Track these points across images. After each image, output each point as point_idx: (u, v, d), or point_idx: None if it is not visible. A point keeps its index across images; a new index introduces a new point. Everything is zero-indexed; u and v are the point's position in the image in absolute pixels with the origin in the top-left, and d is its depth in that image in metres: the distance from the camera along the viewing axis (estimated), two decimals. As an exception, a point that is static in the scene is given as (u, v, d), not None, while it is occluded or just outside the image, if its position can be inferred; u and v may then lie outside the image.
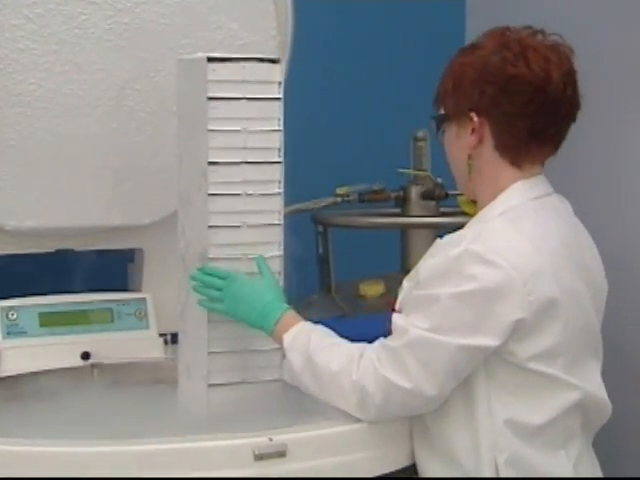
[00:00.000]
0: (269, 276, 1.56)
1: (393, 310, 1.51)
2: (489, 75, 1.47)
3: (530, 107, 1.47)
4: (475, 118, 1.48)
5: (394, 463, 1.52)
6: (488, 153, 1.50)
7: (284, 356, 1.53)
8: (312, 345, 1.49)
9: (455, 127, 1.51)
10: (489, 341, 1.41)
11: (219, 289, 1.54)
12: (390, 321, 1.48)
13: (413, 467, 1.54)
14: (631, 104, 2.07)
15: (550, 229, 1.48)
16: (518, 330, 1.42)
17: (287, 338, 1.51)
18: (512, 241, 1.43)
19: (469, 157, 1.50)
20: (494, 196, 1.50)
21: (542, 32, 1.50)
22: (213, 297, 1.55)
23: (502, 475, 1.43)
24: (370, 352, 1.46)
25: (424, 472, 1.52)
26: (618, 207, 2.12)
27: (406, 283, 1.53)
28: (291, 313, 1.54)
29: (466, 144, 1.50)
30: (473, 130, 1.49)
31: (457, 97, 1.50)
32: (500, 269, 1.40)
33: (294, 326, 1.52)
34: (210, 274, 1.55)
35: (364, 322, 1.77)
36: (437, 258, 1.46)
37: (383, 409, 1.45)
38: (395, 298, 1.53)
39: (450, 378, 1.43)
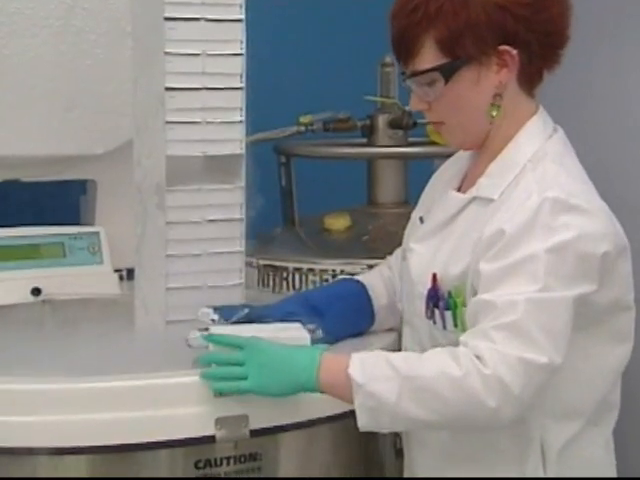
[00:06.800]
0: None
1: (434, 282, 1.46)
2: None
3: (563, 21, 1.44)
4: (512, 50, 1.41)
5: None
6: (511, 87, 1.45)
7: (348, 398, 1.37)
8: (397, 363, 1.35)
9: (474, 70, 1.42)
10: (594, 286, 1.39)
11: (242, 362, 1.41)
12: (432, 297, 1.43)
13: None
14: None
15: (581, 167, 1.49)
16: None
17: (355, 372, 1.36)
18: (577, 183, 1.43)
19: (495, 98, 1.44)
20: (510, 135, 1.46)
21: None
22: (235, 375, 1.42)
23: None
24: (473, 341, 1.34)
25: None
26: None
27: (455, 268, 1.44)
28: (329, 353, 1.41)
29: (490, 85, 1.43)
30: (500, 66, 1.42)
31: (479, 33, 1.41)
32: (587, 213, 1.39)
33: (347, 360, 1.37)
34: (223, 342, 1.43)
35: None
36: (513, 218, 1.38)
37: (520, 400, 1.33)
38: (364, 233, 1.52)
39: (566, 339, 1.36)
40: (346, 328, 1.60)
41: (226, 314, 1.55)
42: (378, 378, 1.36)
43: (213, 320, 1.53)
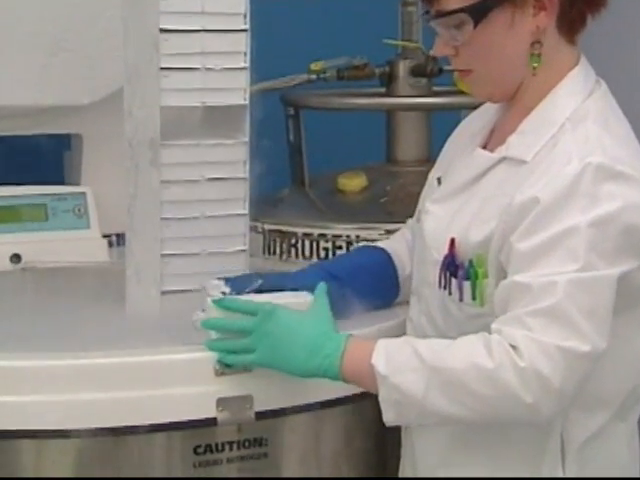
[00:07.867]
0: (320, 303, 1.42)
1: (451, 248, 1.42)
2: None
3: None
4: None
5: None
6: (549, 33, 1.41)
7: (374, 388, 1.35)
8: (424, 353, 1.33)
9: (508, 13, 1.38)
10: (637, 262, 1.35)
11: (249, 331, 1.40)
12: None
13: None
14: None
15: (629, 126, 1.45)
16: None
17: (378, 362, 1.33)
18: (623, 147, 1.39)
19: (534, 46, 1.40)
20: (547, 89, 1.42)
21: None
22: (239, 348, 1.41)
23: None
24: (507, 329, 1.31)
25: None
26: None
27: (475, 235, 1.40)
28: (356, 339, 1.39)
29: (526, 30, 1.39)
30: (538, 9, 1.38)
31: None
32: (634, 180, 1.35)
33: (372, 348, 1.35)
34: (232, 307, 1.42)
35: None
36: (549, 185, 1.35)
37: (561, 394, 1.30)
38: (382, 195, 1.47)
39: (609, 322, 1.33)
40: (371, 301, 1.58)
41: (238, 286, 1.50)
42: (403, 369, 1.33)
43: (224, 293, 1.48)
